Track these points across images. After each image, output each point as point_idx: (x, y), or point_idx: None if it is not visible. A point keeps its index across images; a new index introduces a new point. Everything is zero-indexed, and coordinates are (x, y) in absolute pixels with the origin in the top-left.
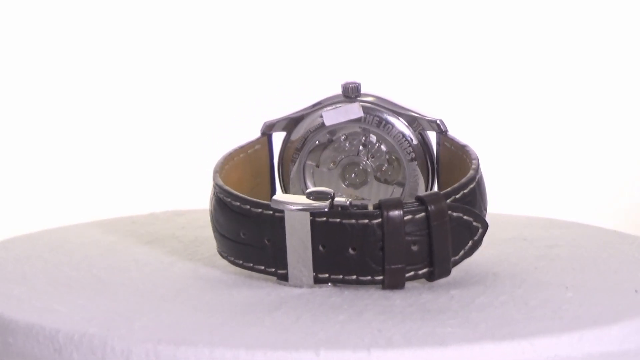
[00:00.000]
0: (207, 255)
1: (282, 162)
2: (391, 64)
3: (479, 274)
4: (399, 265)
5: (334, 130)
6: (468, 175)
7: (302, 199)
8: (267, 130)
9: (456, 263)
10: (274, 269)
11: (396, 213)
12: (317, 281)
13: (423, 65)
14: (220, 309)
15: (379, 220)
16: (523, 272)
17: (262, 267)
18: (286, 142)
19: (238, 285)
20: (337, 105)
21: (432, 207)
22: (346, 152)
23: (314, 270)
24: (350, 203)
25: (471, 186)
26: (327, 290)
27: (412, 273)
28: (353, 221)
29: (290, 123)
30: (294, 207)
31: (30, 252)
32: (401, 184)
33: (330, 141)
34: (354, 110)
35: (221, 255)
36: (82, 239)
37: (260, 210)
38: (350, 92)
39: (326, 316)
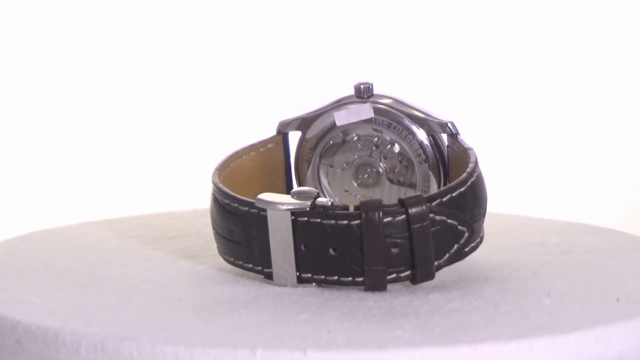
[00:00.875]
0: (209, 254)
1: (297, 161)
2: (397, 63)
3: (471, 279)
4: (379, 267)
5: (347, 130)
6: (459, 178)
7: (287, 199)
8: (282, 129)
9: (441, 267)
10: (260, 268)
11: (375, 214)
12: (301, 281)
13: (428, 65)
14: (187, 305)
15: (358, 221)
16: (518, 277)
17: (251, 266)
18: (301, 141)
19: (224, 282)
20: (349, 106)
21: (413, 209)
22: (359, 153)
23: (297, 269)
24: (332, 204)
25: (461, 190)
26: (308, 290)
27: (393, 275)
28: (333, 222)
29: (304, 123)
30: (276, 207)
31: (26, 250)
32: (414, 186)
33: (344, 141)
34: (364, 111)
35: (218, 253)
36: (84, 238)
37: (247, 208)
38: (363, 93)
39: (287, 315)
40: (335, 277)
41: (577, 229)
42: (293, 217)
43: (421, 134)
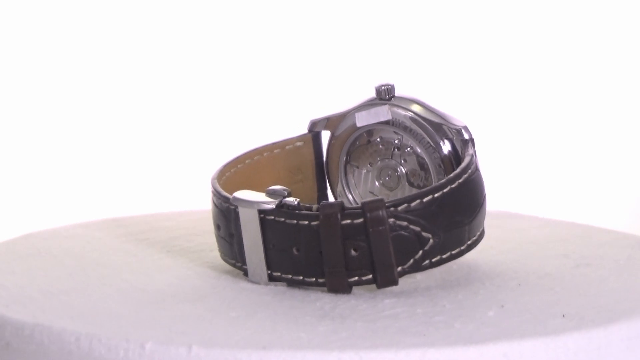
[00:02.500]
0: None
1: (327, 160)
2: (403, 64)
3: (448, 286)
4: (339, 269)
5: (371, 131)
6: (434, 185)
7: (259, 197)
8: (312, 128)
9: (405, 272)
10: (240, 264)
11: (333, 216)
12: (272, 279)
13: (440, 65)
14: (143, 297)
15: (318, 222)
16: (498, 288)
17: (234, 262)
18: (330, 140)
19: (204, 277)
20: (370, 107)
21: (370, 213)
22: (381, 155)
23: (268, 267)
24: (298, 203)
25: (435, 195)
26: (273, 288)
27: (356, 278)
28: (295, 221)
29: (331, 122)
30: (245, 204)
31: (27, 250)
32: None
33: (369, 142)
34: (383, 113)
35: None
36: (85, 238)
37: (227, 205)
38: (383, 94)
39: (226, 313)
40: (300, 277)
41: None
42: (262, 216)
43: (436, 140)
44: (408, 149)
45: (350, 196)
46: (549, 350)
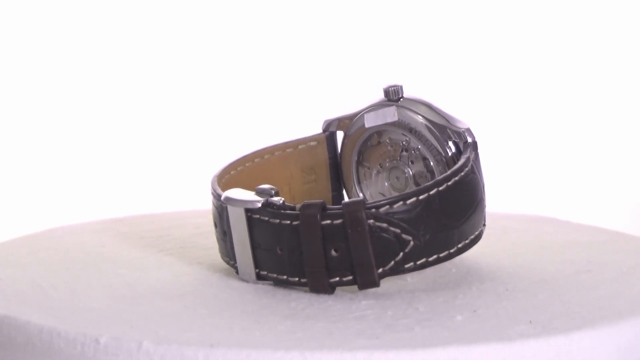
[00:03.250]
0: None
1: (341, 161)
2: (404, 64)
3: (434, 288)
4: (319, 269)
5: (381, 132)
6: (419, 187)
7: (247, 195)
8: (327, 128)
9: (386, 274)
10: (233, 262)
11: (313, 216)
12: (259, 277)
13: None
14: (126, 293)
15: (299, 221)
16: (482, 293)
17: (227, 260)
18: (343, 140)
19: (199, 274)
20: (378, 108)
21: (348, 214)
22: (390, 156)
23: (255, 266)
24: (283, 202)
25: (419, 197)
26: (259, 287)
27: (337, 279)
28: (277, 221)
29: (344, 122)
30: (233, 203)
31: (27, 250)
32: None
33: (379, 143)
34: (390, 114)
35: None
36: (85, 239)
37: (220, 203)
38: (391, 95)
39: (197, 310)
40: (285, 277)
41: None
42: (249, 214)
43: (441, 142)
44: (415, 150)
45: (362, 196)
46: (499, 355)
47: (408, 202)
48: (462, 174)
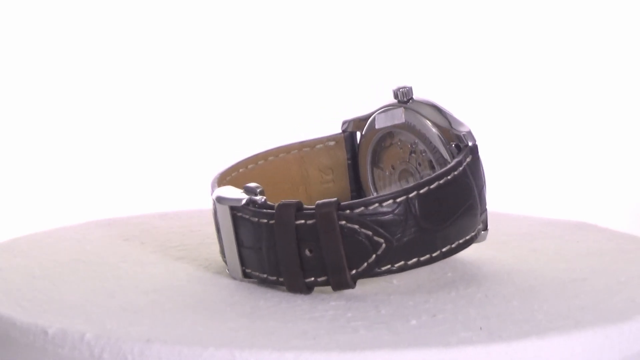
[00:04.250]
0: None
1: (359, 161)
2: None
3: (414, 291)
4: (294, 269)
5: (392, 133)
6: (399, 189)
7: (235, 194)
8: (345, 129)
9: (360, 276)
10: (225, 259)
11: (287, 216)
12: (246, 275)
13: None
14: (105, 286)
15: (274, 220)
16: (456, 298)
17: (222, 257)
18: (360, 140)
19: (192, 271)
20: (388, 109)
21: (320, 215)
22: (401, 158)
23: (241, 264)
24: (264, 201)
25: (399, 199)
26: (242, 285)
27: (312, 279)
28: (256, 219)
29: (361, 123)
30: (219, 200)
31: (27, 251)
32: None
33: (391, 144)
34: (397, 116)
35: None
36: (84, 239)
37: (213, 201)
38: (400, 96)
39: (162, 305)
40: (265, 275)
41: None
42: (234, 212)
43: (443, 145)
44: (422, 153)
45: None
46: None
47: (384, 204)
48: (449, 177)
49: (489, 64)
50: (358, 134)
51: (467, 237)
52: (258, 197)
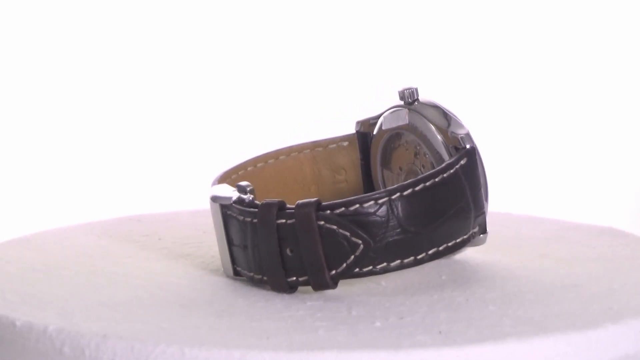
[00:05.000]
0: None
1: (370, 161)
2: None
3: (395, 293)
4: (276, 268)
5: (400, 134)
6: (381, 190)
7: (227, 192)
8: (358, 129)
9: (340, 276)
10: (221, 257)
11: (269, 215)
12: (236, 273)
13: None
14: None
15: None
16: (433, 302)
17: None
18: (370, 141)
19: (189, 268)
20: (394, 110)
21: (298, 215)
22: (407, 160)
23: (232, 262)
24: (251, 200)
25: (381, 201)
26: (230, 283)
27: (293, 279)
28: (241, 218)
29: (372, 123)
30: (212, 199)
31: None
32: None
33: (398, 146)
34: (402, 117)
35: None
36: (83, 239)
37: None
38: (406, 97)
39: (139, 300)
40: (252, 274)
41: None
42: (224, 210)
43: (441, 147)
44: (425, 155)
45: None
46: None
47: (365, 205)
48: (436, 179)
49: (500, 65)
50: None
51: (458, 240)
52: (246, 196)
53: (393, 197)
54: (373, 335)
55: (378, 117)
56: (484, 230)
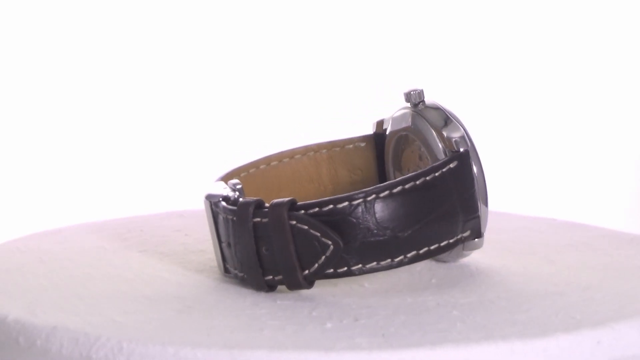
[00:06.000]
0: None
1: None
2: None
3: (374, 295)
4: (254, 267)
5: (407, 136)
6: (357, 191)
7: (219, 189)
8: (376, 130)
9: (313, 276)
10: None
11: (245, 213)
12: (226, 271)
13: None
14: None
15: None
16: (401, 305)
17: None
18: (385, 142)
19: (187, 265)
20: (401, 112)
21: (271, 214)
22: (414, 162)
23: (222, 260)
24: (237, 198)
25: (355, 202)
26: (219, 280)
27: (270, 277)
28: (224, 215)
29: (385, 124)
30: (205, 196)
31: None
32: None
33: (406, 148)
34: (405, 119)
35: None
36: (81, 240)
37: None
38: (412, 99)
39: (114, 295)
40: (236, 272)
41: None
42: (213, 208)
43: (439, 150)
44: (426, 157)
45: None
46: None
47: (339, 205)
48: (417, 182)
49: (501, 66)
50: None
51: (442, 244)
52: (231, 194)
53: (369, 198)
54: (315, 336)
55: (390, 117)
56: (477, 235)
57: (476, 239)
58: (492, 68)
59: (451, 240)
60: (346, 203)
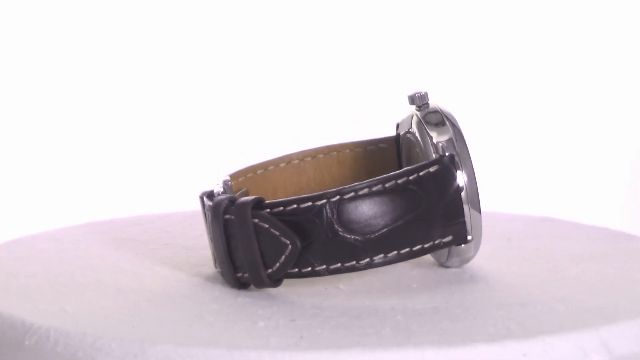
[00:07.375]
0: None
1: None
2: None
3: (360, 295)
4: (225, 264)
5: (416, 137)
6: (320, 192)
7: (214, 186)
8: (398, 131)
9: (277, 275)
10: None
11: (217, 209)
12: (215, 266)
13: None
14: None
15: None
16: (380, 310)
17: None
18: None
19: (186, 263)
20: (408, 115)
21: (236, 211)
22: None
23: (212, 256)
24: (218, 193)
25: (318, 203)
26: (209, 277)
27: (240, 274)
28: (204, 211)
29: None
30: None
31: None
32: None
33: (413, 150)
34: (407, 122)
35: None
36: (79, 240)
37: None
38: (416, 101)
39: (96, 290)
40: (218, 269)
41: None
42: (204, 205)
43: (429, 154)
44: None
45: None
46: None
47: (302, 205)
48: (386, 185)
49: (502, 67)
50: None
51: (415, 248)
52: (216, 191)
53: (333, 199)
54: (235, 334)
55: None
56: (462, 240)
57: (462, 245)
58: (491, 68)
59: (426, 245)
60: (310, 203)
